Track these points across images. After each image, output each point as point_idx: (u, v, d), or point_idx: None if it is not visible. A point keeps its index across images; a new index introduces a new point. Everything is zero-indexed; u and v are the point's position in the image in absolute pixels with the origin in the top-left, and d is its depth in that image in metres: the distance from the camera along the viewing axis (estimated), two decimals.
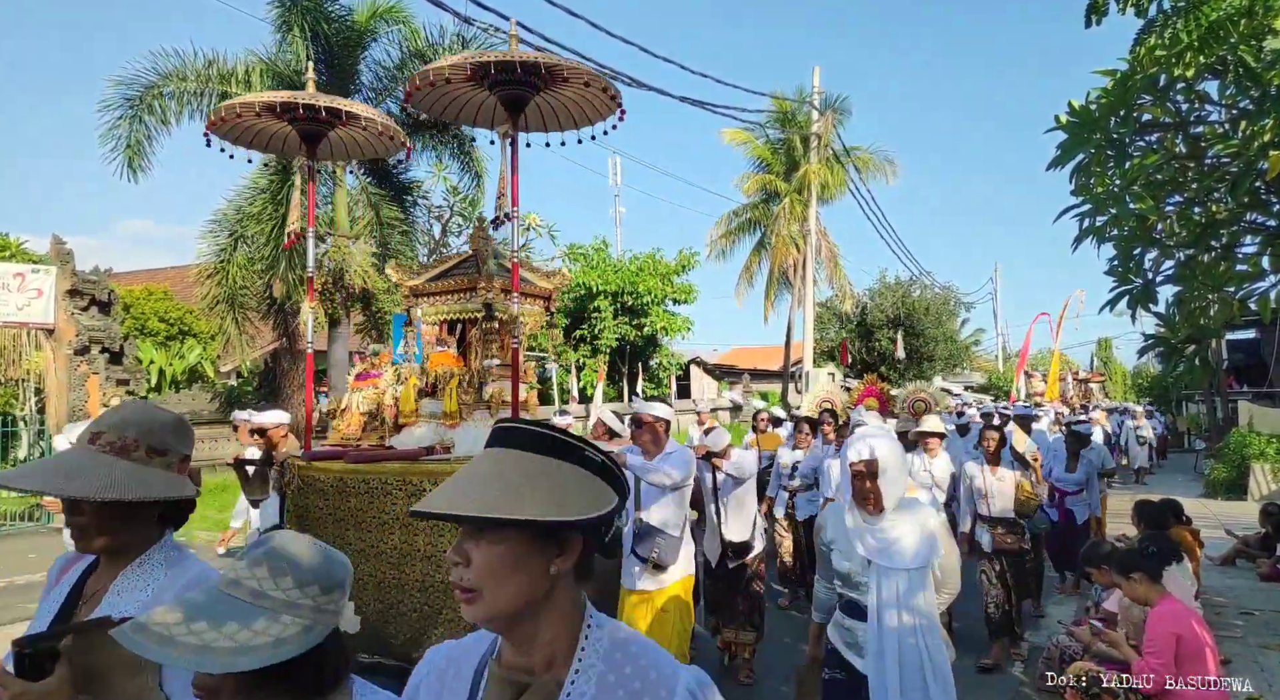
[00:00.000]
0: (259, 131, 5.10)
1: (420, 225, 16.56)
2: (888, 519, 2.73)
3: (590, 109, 4.88)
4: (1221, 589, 7.48)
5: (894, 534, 2.72)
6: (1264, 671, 5.16)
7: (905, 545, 2.70)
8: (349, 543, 4.37)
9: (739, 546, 5.24)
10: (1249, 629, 6.24)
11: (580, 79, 4.40)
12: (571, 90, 4.61)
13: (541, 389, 22.01)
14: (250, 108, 4.71)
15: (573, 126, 5.12)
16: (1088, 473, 7.60)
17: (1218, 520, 10.69)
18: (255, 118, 4.86)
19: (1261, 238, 4.83)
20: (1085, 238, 4.85)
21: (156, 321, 19.87)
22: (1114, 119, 4.52)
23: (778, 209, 24.41)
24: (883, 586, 2.69)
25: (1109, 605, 4.70)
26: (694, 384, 28.97)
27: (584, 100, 4.76)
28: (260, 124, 4.99)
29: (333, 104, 4.76)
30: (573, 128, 5.13)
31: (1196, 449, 20.93)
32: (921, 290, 30.50)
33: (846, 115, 23.20)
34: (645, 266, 23.29)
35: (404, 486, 4.27)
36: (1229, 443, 15.28)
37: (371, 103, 13.94)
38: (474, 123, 5.12)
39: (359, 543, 4.37)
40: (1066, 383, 23.75)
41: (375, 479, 4.35)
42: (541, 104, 4.82)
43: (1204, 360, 5.53)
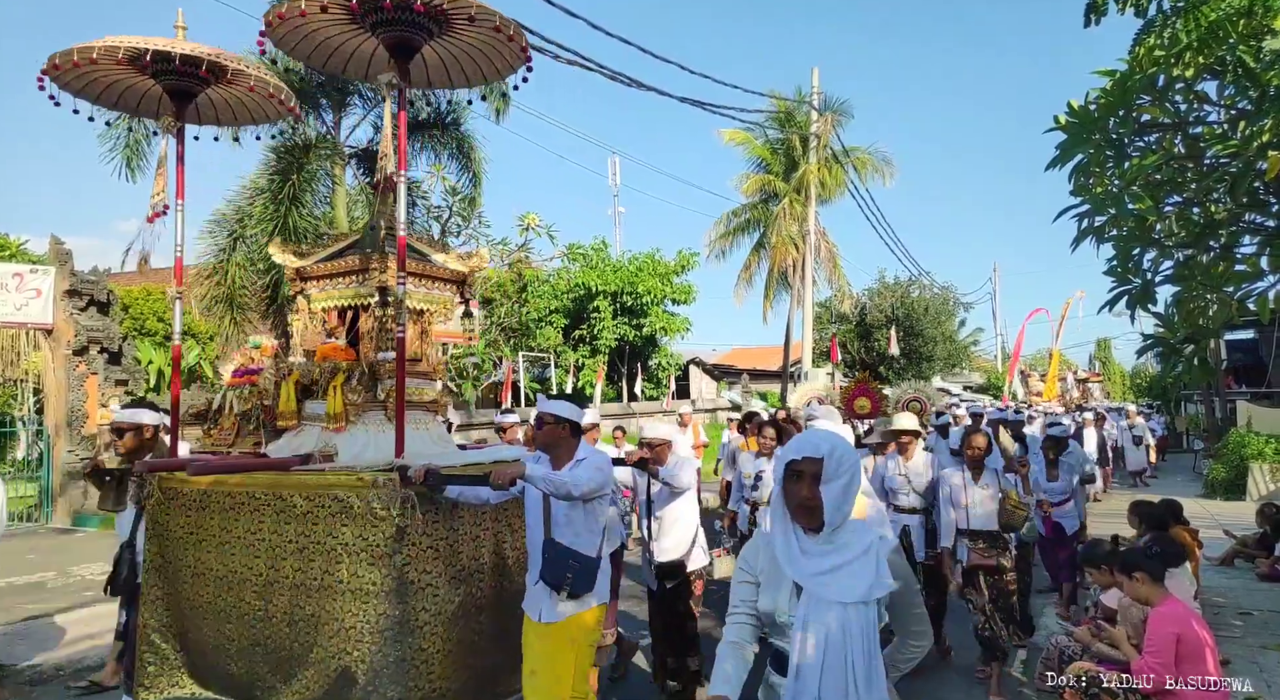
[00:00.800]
0: (113, 85, 4.31)
1: (419, 225, 16.56)
2: (829, 539, 2.10)
3: (493, 61, 4.26)
4: (1220, 589, 7.48)
5: (835, 559, 2.09)
6: (1262, 672, 5.16)
7: (848, 574, 2.08)
8: (210, 568, 3.84)
9: (669, 567, 4.78)
10: (1247, 629, 6.24)
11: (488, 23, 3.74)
12: (471, 37, 3.98)
13: (540, 389, 22.02)
14: (110, 54, 3.85)
15: (465, 82, 4.51)
16: (1070, 480, 6.95)
17: (1216, 520, 10.69)
18: (114, 67, 4.06)
19: (1260, 238, 4.84)
20: (1084, 238, 4.86)
21: (155, 322, 19.85)
22: (1113, 119, 4.53)
23: (777, 209, 24.42)
24: (810, 625, 2.07)
25: (1107, 601, 4.71)
26: (693, 384, 28.96)
27: (486, 50, 4.13)
28: (117, 76, 4.22)
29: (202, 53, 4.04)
30: (465, 84, 4.53)
31: (1195, 449, 20.95)
32: (920, 290, 30.53)
33: (847, 117, 23.23)
34: (644, 266, 23.28)
35: (273, 502, 3.67)
36: (1227, 443, 15.30)
37: (370, 102, 13.96)
38: (346, 70, 4.46)
39: (221, 568, 3.80)
40: (1067, 382, 23.76)
41: (241, 493, 3.76)
42: (435, 53, 4.20)
43: (1203, 360, 5.54)
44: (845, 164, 23.39)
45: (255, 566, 3.71)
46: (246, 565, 3.74)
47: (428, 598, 3.52)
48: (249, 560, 3.73)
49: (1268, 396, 20.24)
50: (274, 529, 3.67)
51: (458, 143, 14.52)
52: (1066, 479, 6.90)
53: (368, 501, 3.42)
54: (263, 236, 12.62)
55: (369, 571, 3.43)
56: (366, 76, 4.53)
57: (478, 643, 3.75)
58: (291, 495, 3.63)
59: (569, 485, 3.36)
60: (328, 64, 4.39)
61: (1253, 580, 7.93)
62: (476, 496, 3.59)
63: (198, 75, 4.17)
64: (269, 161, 13.27)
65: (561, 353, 22.20)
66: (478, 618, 3.78)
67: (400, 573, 3.40)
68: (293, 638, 3.58)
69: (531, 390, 21.81)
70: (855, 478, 2.12)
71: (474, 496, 3.60)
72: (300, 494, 3.61)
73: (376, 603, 3.38)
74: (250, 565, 3.73)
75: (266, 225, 12.53)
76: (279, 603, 3.63)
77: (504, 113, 14.18)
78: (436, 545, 3.60)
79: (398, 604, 3.38)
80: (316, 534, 3.55)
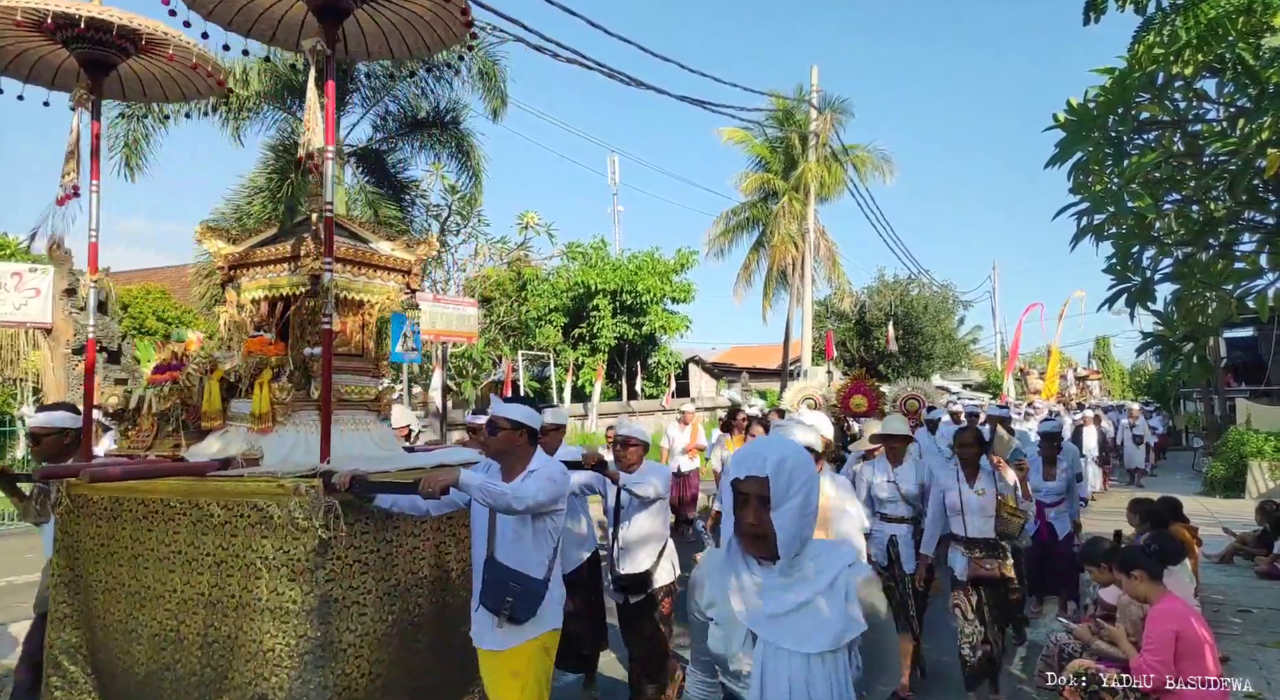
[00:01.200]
0: (24, 54, 3.96)
1: (418, 224, 16.56)
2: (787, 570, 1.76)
3: (435, 29, 3.96)
4: (1219, 587, 7.49)
5: (795, 596, 1.76)
6: (1262, 669, 5.17)
7: (810, 616, 1.74)
8: (122, 583, 3.51)
9: (634, 580, 4.39)
10: (1246, 626, 6.25)
11: None
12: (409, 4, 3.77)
13: (540, 387, 22.04)
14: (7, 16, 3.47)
15: (405, 53, 4.22)
16: (1068, 480, 6.67)
17: (1215, 518, 10.70)
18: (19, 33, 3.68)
19: (1259, 236, 4.84)
20: (1084, 236, 4.86)
21: (154, 320, 19.86)
22: (1112, 117, 4.53)
23: (776, 208, 24.44)
24: (767, 677, 1.76)
25: (1107, 598, 4.71)
26: (692, 383, 28.95)
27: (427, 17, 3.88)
28: (28, 44, 3.86)
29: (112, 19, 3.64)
30: (405, 55, 4.24)
31: (1194, 447, 20.97)
32: (920, 288, 30.53)
33: (846, 115, 23.24)
34: (644, 265, 23.28)
35: (189, 511, 3.37)
36: (1227, 441, 15.31)
37: (369, 102, 13.95)
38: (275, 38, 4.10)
39: (133, 583, 3.48)
40: (1067, 380, 23.75)
41: (156, 501, 3.45)
42: (373, 21, 3.97)
43: (1202, 358, 5.54)
44: (845, 162, 23.39)
45: (169, 582, 3.38)
46: (160, 580, 3.41)
47: (354, 617, 3.25)
48: (162, 575, 3.40)
49: (1267, 394, 20.27)
50: (190, 541, 3.36)
51: (457, 141, 14.52)
52: (1064, 479, 6.63)
53: (289, 511, 3.12)
54: None
55: (289, 588, 3.12)
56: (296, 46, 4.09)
57: (414, 663, 3.51)
58: (209, 503, 3.32)
59: (509, 498, 3.00)
60: (252, 30, 4.02)
61: (1252, 578, 7.94)
62: (414, 506, 3.27)
63: (114, 44, 3.77)
64: (267, 160, 13.27)
65: (561, 351, 22.20)
66: (414, 636, 3.53)
67: (323, 590, 3.13)
68: (206, 662, 3.25)
69: (531, 389, 21.82)
70: (812, 495, 1.79)
71: (411, 506, 3.29)
72: (218, 502, 3.30)
73: (297, 623, 3.10)
74: (164, 580, 3.40)
75: None
76: (193, 623, 3.31)
77: (502, 111, 14.16)
78: (366, 559, 3.34)
79: (320, 624, 3.11)
80: (235, 546, 3.25)
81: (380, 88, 13.78)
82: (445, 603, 3.72)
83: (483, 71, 13.65)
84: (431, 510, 3.31)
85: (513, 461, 3.24)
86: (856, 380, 8.29)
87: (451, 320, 15.36)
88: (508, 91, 14.08)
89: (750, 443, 1.88)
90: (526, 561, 3.13)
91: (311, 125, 3.49)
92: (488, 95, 13.91)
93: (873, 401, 7.78)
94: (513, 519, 3.12)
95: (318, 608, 3.12)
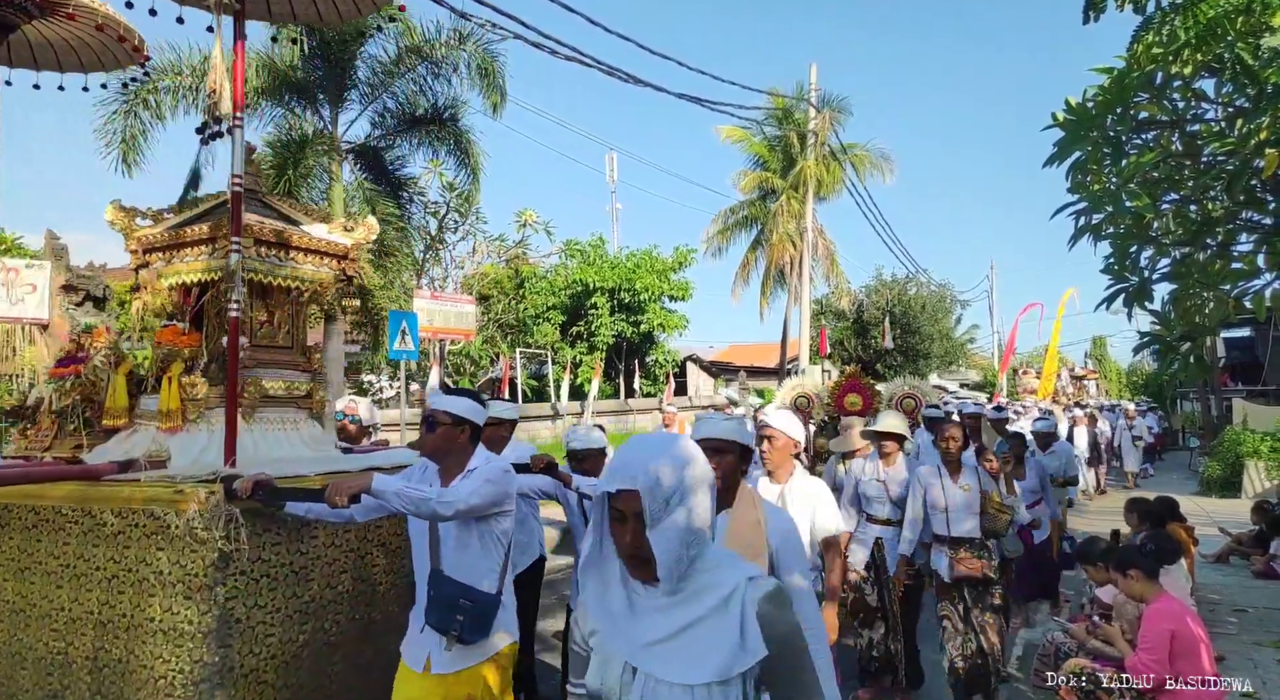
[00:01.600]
0: None
1: (417, 221, 16.54)
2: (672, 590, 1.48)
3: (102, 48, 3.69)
4: (1215, 586, 7.50)
5: (679, 617, 1.48)
6: (1257, 668, 5.18)
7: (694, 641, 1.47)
8: (6, 599, 3.24)
9: None
10: (1242, 626, 6.26)
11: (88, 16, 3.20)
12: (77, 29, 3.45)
13: (538, 385, 22.04)
14: None
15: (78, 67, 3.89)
16: (1040, 478, 6.38)
17: (1211, 518, 10.72)
18: None
19: (1257, 236, 4.85)
20: (1082, 235, 4.86)
21: (152, 317, 19.82)
22: (1111, 117, 4.53)
23: (775, 206, 24.44)
24: None
25: (1103, 596, 4.72)
26: (690, 381, 28.96)
27: (90, 40, 3.67)
28: None
29: None
30: (78, 68, 3.92)
31: (1191, 447, 21.02)
32: (918, 287, 30.56)
33: (845, 114, 23.25)
34: (642, 263, 23.28)
35: (81, 520, 3.07)
36: (1223, 440, 15.34)
37: (367, 98, 13.92)
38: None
39: (18, 599, 3.19)
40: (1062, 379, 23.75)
41: (47, 509, 3.16)
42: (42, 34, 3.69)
43: (1199, 358, 5.55)
44: (843, 161, 23.39)
45: (57, 599, 3.09)
46: (46, 597, 3.11)
47: (258, 638, 2.98)
48: (49, 591, 3.11)
49: (1263, 394, 20.32)
50: (80, 553, 3.06)
51: (455, 138, 14.48)
52: (1034, 477, 6.29)
53: (187, 520, 2.84)
54: None
55: (184, 607, 2.85)
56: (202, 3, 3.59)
57: (329, 687, 3.26)
58: (102, 511, 3.02)
59: (434, 503, 2.66)
60: None
61: (1248, 577, 7.96)
62: (336, 514, 2.94)
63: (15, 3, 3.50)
64: (264, 156, 13.22)
65: (559, 349, 22.20)
66: (330, 658, 3.25)
67: (223, 608, 2.85)
68: (95, 689, 2.97)
69: (529, 387, 21.82)
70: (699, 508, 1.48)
71: (332, 514, 2.95)
72: (112, 510, 3.00)
73: (193, 646, 2.83)
74: (51, 597, 3.10)
75: None
76: (81, 645, 3.02)
77: (501, 107, 14.14)
78: (274, 573, 3.05)
79: (218, 647, 2.84)
80: (128, 559, 2.97)
81: (379, 84, 13.75)
82: (370, 619, 3.44)
83: (482, 68, 13.63)
84: (357, 517, 3.00)
85: (451, 461, 2.89)
86: (851, 378, 7.81)
87: (449, 318, 15.33)
88: (506, 88, 14.06)
89: (624, 447, 1.55)
90: (476, 572, 2.80)
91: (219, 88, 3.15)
92: (487, 91, 13.89)
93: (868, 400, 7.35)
94: (456, 525, 2.80)
95: (216, 629, 2.84)
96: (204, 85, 3.55)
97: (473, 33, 12.97)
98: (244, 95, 3.27)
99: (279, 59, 12.83)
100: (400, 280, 14.77)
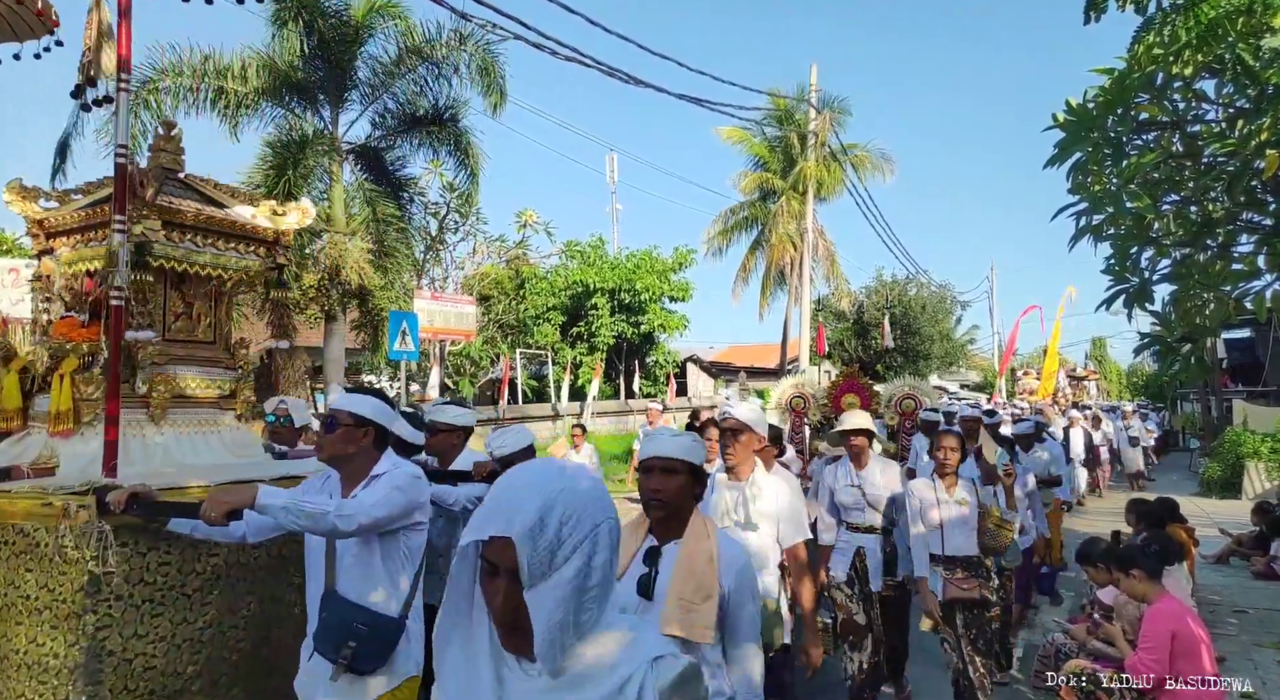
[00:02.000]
0: None
1: (417, 222, 16.55)
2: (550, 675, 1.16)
3: None
4: (1215, 587, 7.50)
5: None
6: (1257, 669, 5.18)
7: None
8: None
9: None
10: (1242, 627, 6.26)
11: None
12: None
13: (538, 386, 22.04)
14: None
15: None
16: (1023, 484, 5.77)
17: (1212, 519, 10.72)
18: None
19: (1257, 237, 4.85)
20: (1082, 236, 4.86)
21: None
22: (1111, 118, 4.53)
23: (775, 207, 24.47)
24: None
25: (1104, 597, 4.72)
26: (690, 382, 28.97)
27: None
28: None
29: None
30: None
31: (1191, 448, 21.01)
32: (918, 288, 30.57)
33: (845, 115, 23.28)
34: (642, 264, 23.30)
35: None
36: (1224, 441, 15.34)
37: (368, 99, 13.93)
38: None
39: None
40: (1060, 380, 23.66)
41: None
42: None
43: (1199, 359, 5.55)
44: (843, 162, 23.40)
45: None
46: None
47: (135, 673, 2.60)
48: None
49: (1264, 395, 20.30)
50: None
51: (455, 139, 14.49)
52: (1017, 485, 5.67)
53: (57, 538, 2.52)
54: None
55: (50, 638, 2.53)
56: None
57: None
58: None
59: (332, 517, 2.34)
60: None
61: (1248, 578, 7.96)
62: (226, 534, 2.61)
63: None
64: (265, 156, 13.24)
65: (559, 350, 22.21)
66: (228, 692, 2.91)
67: (93, 640, 2.51)
68: None
69: (529, 388, 21.82)
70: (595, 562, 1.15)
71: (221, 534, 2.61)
72: None
73: (58, 683, 2.52)
74: None
75: None
76: None
77: (502, 107, 14.15)
78: (160, 597, 2.68)
79: (88, 683, 2.51)
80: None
81: (380, 85, 13.76)
82: (281, 645, 3.06)
83: (482, 68, 13.65)
84: (249, 537, 2.64)
85: (353, 468, 2.58)
86: (849, 378, 7.47)
87: (449, 318, 15.36)
88: (507, 88, 14.07)
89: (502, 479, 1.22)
90: (376, 593, 2.46)
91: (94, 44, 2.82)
92: (487, 92, 13.90)
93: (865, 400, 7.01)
94: (356, 540, 2.45)
95: (84, 663, 2.50)
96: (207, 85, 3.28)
97: (473, 33, 12.98)
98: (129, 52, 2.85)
99: (280, 59, 12.84)
100: (400, 281, 14.78)
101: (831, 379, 8.62)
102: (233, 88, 12.63)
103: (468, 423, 3.94)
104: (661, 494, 2.25)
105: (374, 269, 13.17)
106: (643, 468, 2.32)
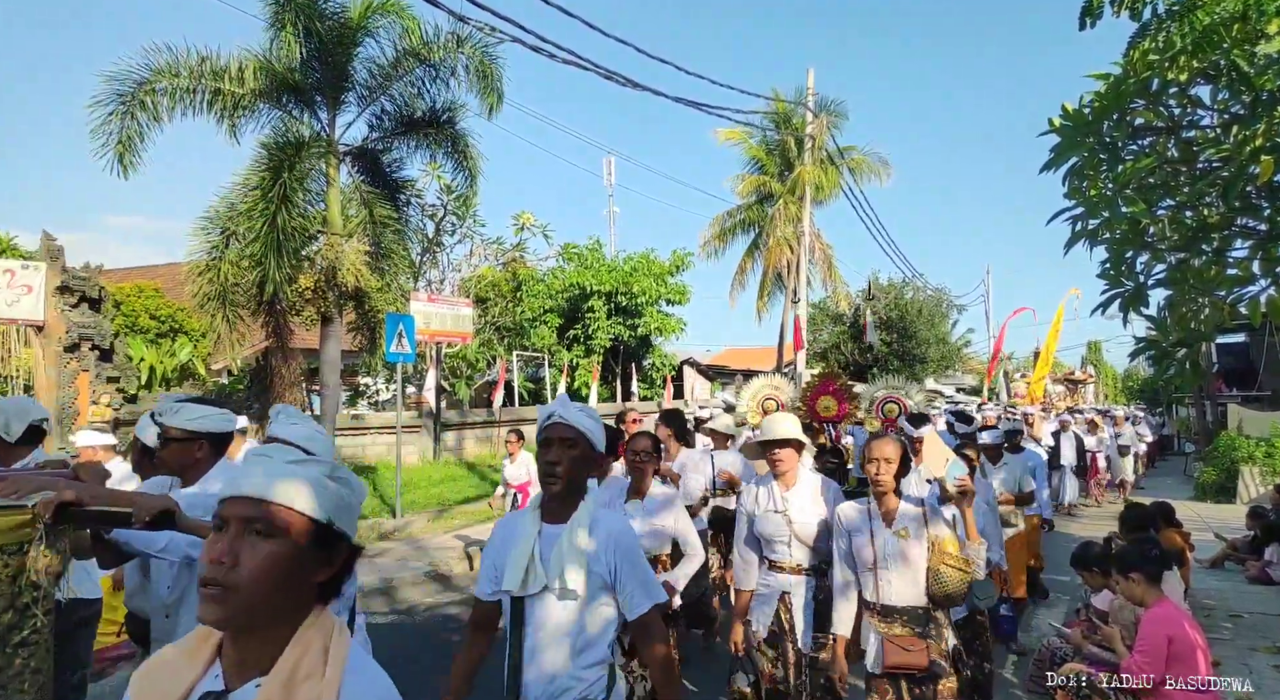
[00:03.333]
0: None
1: (414, 224, 16.52)
2: None
3: None
4: (1210, 592, 7.51)
5: None
6: (1252, 673, 5.19)
7: None
8: None
9: None
10: (1237, 631, 6.27)
11: None
12: None
13: (534, 388, 22.02)
14: None
15: None
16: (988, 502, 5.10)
17: (1206, 523, 10.74)
18: None
19: (1252, 242, 4.86)
20: (1078, 241, 4.87)
21: (147, 319, 19.78)
22: (1107, 123, 4.54)
23: (772, 210, 24.49)
24: None
25: (1099, 603, 4.72)
26: (687, 384, 28.97)
27: None
28: None
29: None
30: None
31: (1186, 452, 21.06)
32: (914, 292, 30.62)
33: (842, 118, 23.33)
34: (639, 266, 23.31)
35: None
36: (1218, 446, 15.38)
37: (365, 101, 13.92)
38: None
39: None
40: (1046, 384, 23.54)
41: None
42: None
43: (1194, 364, 5.55)
44: (840, 165, 23.45)
45: None
46: None
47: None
48: None
49: (1258, 400, 20.35)
50: None
51: (453, 141, 14.48)
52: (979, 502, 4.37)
53: None
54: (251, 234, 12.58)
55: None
56: None
57: None
58: None
59: None
60: None
61: (1242, 583, 7.97)
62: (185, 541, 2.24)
63: None
64: (261, 158, 13.21)
65: (556, 352, 22.20)
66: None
67: None
68: None
69: (525, 390, 21.79)
70: None
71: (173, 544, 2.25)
72: None
73: None
74: None
75: (256, 223, 12.50)
76: None
77: (498, 108, 14.14)
78: None
79: None
80: None
81: (377, 87, 13.74)
82: None
83: (480, 71, 13.63)
84: None
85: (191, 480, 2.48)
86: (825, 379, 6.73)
87: (446, 320, 15.35)
88: (504, 90, 14.06)
89: None
90: None
91: None
92: (484, 94, 13.89)
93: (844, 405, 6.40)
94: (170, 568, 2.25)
95: None
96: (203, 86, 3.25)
97: (471, 36, 12.98)
98: None
99: (277, 61, 12.82)
100: (397, 283, 14.73)
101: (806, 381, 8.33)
102: (230, 89, 12.60)
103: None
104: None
105: (371, 271, 13.14)
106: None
